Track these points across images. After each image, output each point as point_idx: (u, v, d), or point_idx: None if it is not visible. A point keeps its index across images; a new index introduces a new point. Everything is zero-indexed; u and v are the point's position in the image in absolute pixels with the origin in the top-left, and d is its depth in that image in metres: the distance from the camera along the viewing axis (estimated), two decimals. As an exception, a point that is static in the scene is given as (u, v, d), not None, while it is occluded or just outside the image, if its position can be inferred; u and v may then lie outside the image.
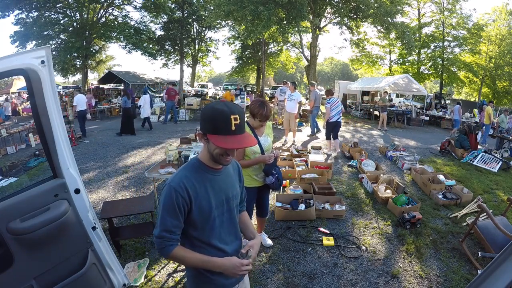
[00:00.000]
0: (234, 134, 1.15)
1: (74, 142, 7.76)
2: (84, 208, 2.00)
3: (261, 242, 2.93)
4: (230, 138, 1.14)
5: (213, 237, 1.30)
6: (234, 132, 1.14)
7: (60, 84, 25.18)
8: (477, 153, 7.12)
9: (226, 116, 1.13)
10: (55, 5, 15.11)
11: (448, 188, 4.82)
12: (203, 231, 1.28)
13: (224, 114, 1.13)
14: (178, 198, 1.19)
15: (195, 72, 22.13)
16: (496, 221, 2.92)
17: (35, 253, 1.70)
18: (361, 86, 16.68)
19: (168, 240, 1.22)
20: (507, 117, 9.61)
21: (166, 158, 3.89)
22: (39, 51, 1.66)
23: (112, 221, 2.95)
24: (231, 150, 1.21)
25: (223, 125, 1.13)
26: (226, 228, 1.36)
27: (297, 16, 12.43)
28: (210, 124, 1.16)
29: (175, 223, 1.21)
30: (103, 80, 19.29)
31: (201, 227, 1.28)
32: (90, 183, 4.93)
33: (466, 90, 24.87)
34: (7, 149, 7.47)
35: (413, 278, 2.79)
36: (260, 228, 3.13)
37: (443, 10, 19.13)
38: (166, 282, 2.65)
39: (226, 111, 1.13)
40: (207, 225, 1.28)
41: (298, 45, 16.80)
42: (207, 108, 1.19)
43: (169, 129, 10.46)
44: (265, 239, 3.22)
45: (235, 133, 1.15)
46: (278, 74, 36.29)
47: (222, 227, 1.33)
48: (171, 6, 18.02)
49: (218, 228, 1.32)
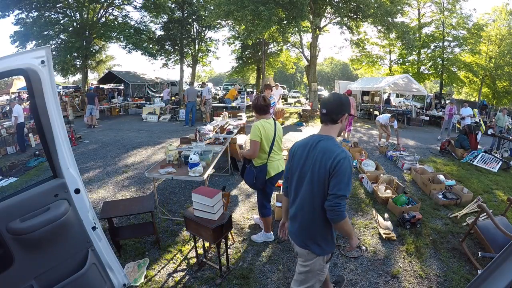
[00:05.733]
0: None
1: (74, 142, 7.76)
2: (84, 208, 2.00)
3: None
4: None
5: None
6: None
7: (60, 84, 25.17)
8: (477, 153, 7.12)
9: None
10: (55, 5, 15.08)
11: (448, 188, 4.82)
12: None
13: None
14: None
15: (195, 72, 22.06)
16: (496, 221, 2.92)
17: (35, 253, 1.70)
18: (361, 86, 16.68)
19: (345, 205, 1.53)
20: (504, 116, 9.58)
21: (166, 158, 3.89)
22: (39, 51, 1.66)
23: (112, 221, 2.95)
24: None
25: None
26: None
27: (297, 16, 12.42)
28: (348, 107, 1.67)
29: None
30: (103, 80, 19.27)
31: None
32: (90, 183, 4.93)
33: (466, 90, 24.84)
34: (7, 149, 7.47)
35: (413, 278, 2.79)
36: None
37: (443, 10, 19.12)
38: (166, 282, 2.65)
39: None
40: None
41: (298, 45, 16.78)
42: (344, 97, 1.71)
43: (170, 129, 10.47)
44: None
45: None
46: (278, 74, 36.30)
47: None
48: (171, 6, 18.00)
49: None
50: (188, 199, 4.33)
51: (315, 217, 1.65)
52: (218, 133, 5.42)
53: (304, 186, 1.66)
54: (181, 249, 3.14)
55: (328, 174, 1.53)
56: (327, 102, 1.66)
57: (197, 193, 2.46)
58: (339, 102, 1.66)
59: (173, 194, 4.53)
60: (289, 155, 1.81)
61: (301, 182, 1.68)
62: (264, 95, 3.05)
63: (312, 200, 1.62)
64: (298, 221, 1.73)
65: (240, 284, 2.62)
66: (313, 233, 1.68)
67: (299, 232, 1.73)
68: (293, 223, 1.79)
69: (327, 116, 1.65)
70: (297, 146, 1.76)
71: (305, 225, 1.70)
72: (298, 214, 1.72)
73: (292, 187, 1.77)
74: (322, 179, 1.56)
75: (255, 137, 2.80)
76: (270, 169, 2.93)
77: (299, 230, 1.73)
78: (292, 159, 1.77)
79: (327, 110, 1.65)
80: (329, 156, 1.53)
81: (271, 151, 2.88)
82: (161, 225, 3.59)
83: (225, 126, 5.86)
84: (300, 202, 1.70)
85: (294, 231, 1.77)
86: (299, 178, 1.69)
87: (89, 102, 10.69)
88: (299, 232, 1.73)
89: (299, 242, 1.74)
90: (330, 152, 1.55)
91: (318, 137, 1.67)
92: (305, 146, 1.69)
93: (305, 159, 1.66)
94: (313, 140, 1.68)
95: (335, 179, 1.50)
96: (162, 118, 12.64)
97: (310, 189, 1.62)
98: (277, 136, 2.90)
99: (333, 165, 1.51)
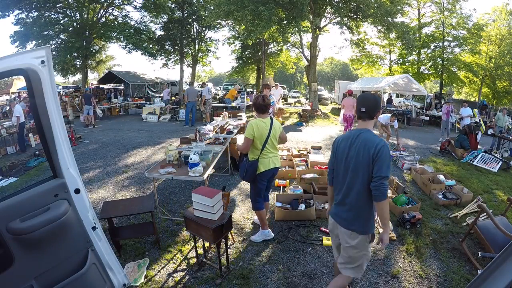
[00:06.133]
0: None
1: (74, 142, 7.76)
2: (84, 208, 2.00)
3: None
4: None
5: None
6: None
7: (60, 84, 25.16)
8: (477, 153, 7.12)
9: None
10: (55, 5, 15.07)
11: (448, 188, 4.82)
12: None
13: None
14: None
15: (195, 72, 22.05)
16: (496, 221, 2.92)
17: (35, 253, 1.70)
18: (361, 86, 16.70)
19: (387, 185, 1.80)
20: (504, 116, 9.57)
21: (166, 158, 3.89)
22: (39, 51, 1.66)
23: (112, 221, 2.95)
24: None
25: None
26: None
27: (297, 16, 12.41)
28: (380, 105, 1.97)
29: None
30: (103, 80, 19.27)
31: None
32: (90, 183, 4.93)
33: (466, 90, 24.83)
34: (7, 149, 7.47)
35: (413, 278, 2.79)
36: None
37: (443, 10, 19.12)
38: (166, 282, 2.65)
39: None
40: None
41: (298, 45, 16.77)
42: (377, 96, 2.01)
43: (170, 129, 10.47)
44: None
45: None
46: (278, 74, 36.30)
47: None
48: (171, 6, 17.99)
49: None
50: (188, 199, 4.33)
51: (360, 199, 1.89)
52: (218, 133, 5.42)
53: (349, 173, 1.90)
54: (181, 249, 3.14)
55: (372, 160, 1.80)
56: (366, 101, 1.93)
57: (197, 193, 2.46)
58: (374, 101, 1.94)
59: (173, 194, 4.53)
60: (333, 148, 2.09)
61: (346, 170, 1.93)
62: (265, 95, 3.12)
63: (358, 184, 1.87)
64: (345, 205, 1.96)
65: (240, 284, 2.62)
66: (358, 215, 1.91)
67: (346, 215, 1.96)
68: (340, 207, 2.01)
69: (365, 113, 1.91)
70: (339, 140, 2.04)
71: (352, 208, 1.93)
72: (345, 198, 1.95)
73: (339, 176, 2.00)
74: (366, 165, 1.82)
75: (248, 135, 3.00)
76: (260, 165, 3.06)
77: (346, 213, 1.95)
78: (336, 152, 2.04)
79: (366, 108, 1.90)
80: (371, 145, 1.80)
81: (263, 148, 3.03)
82: (161, 225, 3.59)
83: (225, 126, 5.86)
84: (347, 187, 1.93)
85: (340, 215, 1.99)
86: (345, 167, 1.94)
87: (86, 103, 10.91)
88: (346, 215, 1.96)
89: (345, 224, 1.96)
90: (371, 141, 1.82)
91: (358, 131, 1.93)
92: (347, 139, 1.96)
93: (349, 150, 1.92)
94: (353, 133, 1.94)
95: (378, 163, 1.78)
96: (162, 118, 12.64)
97: (355, 175, 1.87)
98: (271, 135, 3.04)
99: (375, 152, 1.78)
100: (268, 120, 3.08)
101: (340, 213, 1.99)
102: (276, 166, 3.15)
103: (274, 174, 3.21)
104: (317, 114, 13.81)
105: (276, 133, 3.13)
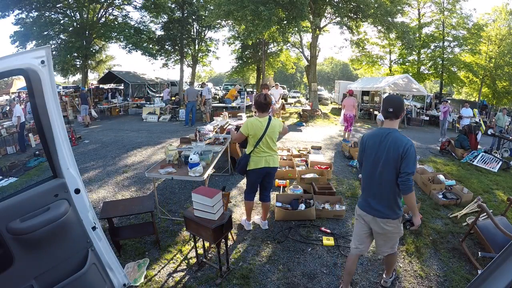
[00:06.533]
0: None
1: (74, 142, 7.76)
2: (84, 208, 2.00)
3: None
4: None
5: None
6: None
7: (60, 84, 25.14)
8: (477, 153, 7.12)
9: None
10: (55, 5, 15.08)
11: (448, 188, 4.82)
12: None
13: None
14: None
15: (195, 72, 22.05)
16: (496, 221, 2.92)
17: (35, 253, 1.70)
18: (361, 86, 16.68)
19: (412, 180, 2.03)
20: (504, 116, 9.57)
21: (166, 158, 3.89)
22: (39, 51, 1.65)
23: (112, 221, 2.95)
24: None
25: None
26: None
27: (297, 16, 12.41)
28: (384, 104, 2.17)
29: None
30: (103, 80, 19.27)
31: None
32: (90, 183, 4.93)
33: (466, 90, 24.85)
34: (7, 149, 7.47)
35: (413, 278, 2.79)
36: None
37: (443, 10, 19.13)
38: (166, 282, 2.65)
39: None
40: None
41: (298, 45, 16.78)
42: (402, 98, 2.13)
43: (170, 129, 10.47)
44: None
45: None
46: (278, 74, 36.28)
47: None
48: (171, 6, 17.99)
49: None
50: (188, 199, 4.33)
51: (390, 190, 2.11)
52: (218, 133, 5.42)
53: (379, 167, 2.11)
54: (181, 249, 3.14)
55: (400, 158, 2.01)
56: (393, 102, 2.12)
57: (197, 193, 2.46)
58: (400, 102, 2.14)
59: (173, 194, 4.53)
60: (361, 145, 2.28)
61: (376, 166, 2.13)
62: (267, 93, 3.16)
63: (387, 179, 2.09)
64: (377, 196, 2.17)
65: (240, 284, 2.62)
66: (390, 203, 2.14)
67: (378, 207, 2.17)
68: (371, 199, 2.21)
69: (392, 113, 2.11)
70: (367, 137, 2.23)
71: (384, 197, 2.14)
72: (377, 190, 2.16)
73: (368, 171, 2.21)
74: (395, 161, 2.03)
75: (242, 130, 3.12)
76: (251, 161, 3.16)
77: (378, 205, 2.17)
78: (365, 148, 2.23)
79: (393, 109, 2.10)
80: (400, 144, 2.02)
81: (256, 146, 3.11)
82: (161, 225, 3.59)
83: (225, 126, 5.86)
84: (378, 180, 2.14)
85: (373, 207, 2.19)
86: (374, 162, 2.14)
87: (82, 103, 11.09)
88: (379, 205, 2.16)
89: (380, 214, 2.17)
90: (400, 141, 2.03)
91: (387, 130, 2.12)
92: (375, 136, 2.16)
93: (378, 146, 2.11)
94: (382, 131, 2.13)
95: (405, 161, 1.99)
96: (162, 118, 12.64)
97: (385, 170, 2.08)
98: (267, 135, 3.08)
99: (404, 151, 1.99)
100: (266, 119, 3.09)
101: (372, 205, 2.19)
102: (270, 165, 3.16)
103: (269, 173, 3.24)
104: (317, 114, 13.82)
105: (274, 133, 3.15)
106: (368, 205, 2.22)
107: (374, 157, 2.13)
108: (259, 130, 3.06)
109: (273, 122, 3.12)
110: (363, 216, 2.27)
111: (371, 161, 2.16)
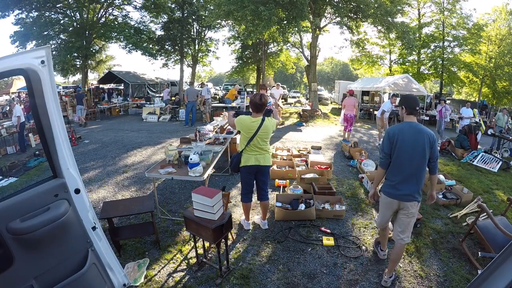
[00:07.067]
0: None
1: (74, 142, 7.76)
2: (84, 208, 2.00)
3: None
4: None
5: None
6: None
7: (60, 84, 25.17)
8: (477, 153, 7.11)
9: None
10: (55, 5, 15.06)
11: (448, 188, 4.82)
12: None
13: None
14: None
15: (195, 72, 22.03)
16: (496, 221, 2.92)
17: (35, 253, 1.70)
18: (361, 86, 16.68)
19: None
20: (504, 116, 9.56)
21: (166, 158, 3.89)
22: (39, 51, 1.65)
23: (112, 221, 2.95)
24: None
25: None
26: None
27: (297, 16, 12.40)
28: (411, 102, 2.55)
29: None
30: (103, 80, 19.27)
31: None
32: (90, 183, 4.93)
33: (466, 90, 24.82)
34: (7, 149, 7.47)
35: (413, 278, 2.79)
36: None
37: (443, 10, 19.11)
38: (166, 282, 2.65)
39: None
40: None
41: (298, 45, 16.77)
42: (414, 96, 2.67)
43: (170, 129, 10.47)
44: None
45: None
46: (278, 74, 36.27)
47: None
48: (171, 6, 17.98)
49: None
50: (188, 199, 4.33)
51: (422, 174, 2.46)
52: (218, 133, 5.42)
53: (416, 156, 2.40)
54: (181, 249, 3.14)
55: (430, 145, 2.39)
56: (418, 102, 2.57)
57: (197, 193, 2.46)
58: (419, 101, 2.62)
59: (173, 194, 4.53)
60: (390, 137, 2.49)
61: (413, 154, 2.40)
62: (263, 94, 3.15)
63: (423, 164, 2.43)
64: (411, 181, 2.44)
65: (240, 284, 2.62)
66: (419, 187, 2.45)
67: (412, 190, 2.44)
68: (404, 185, 2.46)
69: (417, 110, 2.56)
70: (399, 130, 2.47)
71: (418, 182, 2.44)
72: (411, 176, 2.43)
73: (402, 159, 2.44)
74: (428, 149, 2.39)
75: (236, 123, 3.19)
76: (242, 158, 3.22)
77: (412, 187, 2.44)
78: (396, 140, 2.45)
79: (418, 107, 2.56)
80: (429, 134, 2.41)
81: (247, 145, 3.14)
82: (161, 225, 3.59)
83: (225, 126, 5.86)
84: (413, 166, 2.42)
85: (405, 191, 2.46)
86: (412, 152, 2.40)
87: (78, 103, 11.18)
88: (412, 189, 2.44)
89: (410, 198, 2.45)
90: (428, 132, 2.42)
91: (414, 123, 2.47)
92: (410, 129, 2.44)
93: (414, 138, 2.40)
94: (410, 125, 2.46)
95: (434, 147, 2.41)
96: (162, 118, 12.64)
97: (423, 157, 2.40)
98: (258, 135, 3.09)
99: (432, 139, 2.40)
100: (258, 120, 3.08)
101: (405, 190, 2.45)
102: (261, 164, 3.18)
103: (261, 171, 3.25)
104: (317, 114, 13.81)
105: (267, 134, 3.16)
106: (398, 191, 2.47)
107: (412, 147, 2.40)
108: (249, 130, 3.07)
109: (267, 124, 3.10)
110: (390, 202, 2.54)
111: (409, 151, 2.40)
